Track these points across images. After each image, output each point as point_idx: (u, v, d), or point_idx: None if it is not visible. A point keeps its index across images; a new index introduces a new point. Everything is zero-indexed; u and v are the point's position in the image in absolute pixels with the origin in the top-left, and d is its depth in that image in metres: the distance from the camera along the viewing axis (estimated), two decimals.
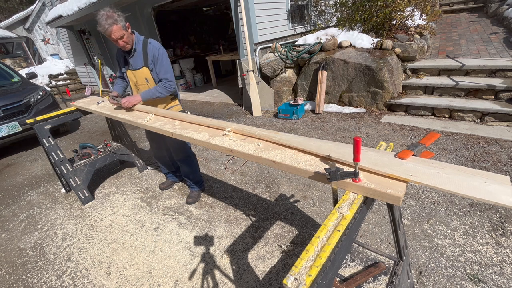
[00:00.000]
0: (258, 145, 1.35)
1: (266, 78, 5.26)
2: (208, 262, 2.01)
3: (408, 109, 4.06)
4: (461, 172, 0.93)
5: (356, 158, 0.89)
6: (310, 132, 3.95)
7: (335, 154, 1.12)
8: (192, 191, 2.75)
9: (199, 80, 8.42)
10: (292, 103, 4.47)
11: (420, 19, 5.55)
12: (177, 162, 2.65)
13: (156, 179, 3.24)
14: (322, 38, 4.93)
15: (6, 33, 11.59)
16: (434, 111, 3.84)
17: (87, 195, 2.92)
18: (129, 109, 2.22)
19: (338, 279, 1.27)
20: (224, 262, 1.99)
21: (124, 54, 2.22)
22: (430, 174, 0.94)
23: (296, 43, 5.25)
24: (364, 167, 1.02)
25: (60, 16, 7.41)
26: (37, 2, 11.67)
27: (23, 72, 9.04)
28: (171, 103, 2.44)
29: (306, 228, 2.20)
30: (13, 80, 5.27)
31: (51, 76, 10.71)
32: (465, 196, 0.84)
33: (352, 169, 0.96)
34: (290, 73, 5.19)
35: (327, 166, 1.07)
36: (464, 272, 1.68)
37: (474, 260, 1.75)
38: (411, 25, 5.21)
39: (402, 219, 1.37)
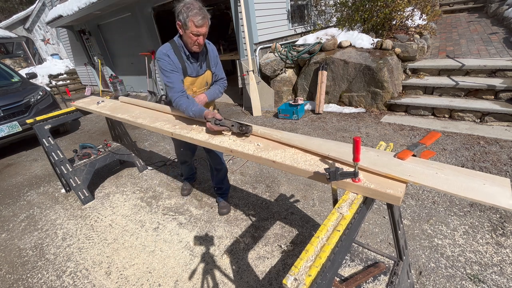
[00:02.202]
0: (258, 144, 1.35)
1: (266, 78, 5.26)
2: (208, 262, 2.01)
3: (408, 109, 4.06)
4: (461, 174, 0.93)
5: (355, 158, 0.89)
6: (310, 132, 3.95)
7: (335, 153, 1.12)
8: (224, 201, 2.56)
9: None
10: (292, 103, 4.47)
11: (420, 19, 5.55)
12: (215, 169, 2.41)
13: (156, 179, 3.24)
14: (322, 38, 4.93)
15: (6, 33, 11.59)
16: (434, 111, 3.84)
17: (87, 195, 2.92)
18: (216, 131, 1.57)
19: (338, 279, 1.27)
20: (224, 262, 1.99)
21: (190, 61, 1.85)
22: (429, 174, 0.94)
23: (296, 43, 5.25)
24: (363, 166, 1.02)
25: (60, 16, 7.42)
26: (37, 2, 11.67)
27: (23, 72, 9.05)
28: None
29: (306, 228, 2.20)
30: (13, 80, 5.27)
31: (51, 76, 10.71)
32: (464, 198, 0.84)
33: (352, 169, 0.96)
34: (290, 73, 5.19)
35: (327, 166, 1.07)
36: (464, 272, 1.68)
37: (474, 260, 1.75)
38: (411, 25, 5.21)
39: (402, 219, 1.37)
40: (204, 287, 1.82)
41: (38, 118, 2.67)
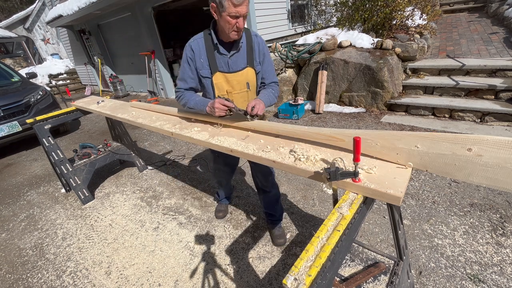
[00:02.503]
0: (260, 141, 1.36)
1: None
2: (208, 262, 2.01)
3: (408, 109, 4.06)
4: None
5: (356, 158, 0.89)
6: None
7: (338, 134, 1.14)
8: (279, 228, 2.11)
9: None
10: (292, 103, 4.47)
11: (420, 19, 5.55)
12: (262, 191, 1.99)
13: (156, 179, 3.24)
14: (322, 38, 4.93)
15: (6, 33, 11.59)
16: (434, 111, 3.84)
17: (87, 195, 2.92)
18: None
19: (338, 279, 1.26)
20: (224, 262, 1.99)
21: (218, 51, 1.53)
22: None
23: (296, 43, 5.25)
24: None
25: (60, 16, 7.42)
26: (37, 1, 11.68)
27: (23, 71, 9.05)
28: None
29: (306, 228, 2.20)
30: (13, 80, 5.27)
31: (51, 76, 10.72)
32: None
33: (351, 169, 0.95)
34: (290, 73, 5.18)
35: (327, 166, 1.07)
36: (464, 272, 1.68)
37: (474, 260, 1.75)
38: (411, 25, 5.21)
39: (402, 219, 1.37)
40: (204, 287, 1.82)
41: (38, 118, 2.66)
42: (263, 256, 1.99)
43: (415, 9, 5.47)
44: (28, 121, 2.64)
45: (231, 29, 1.40)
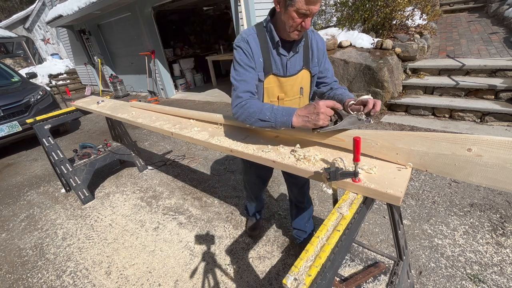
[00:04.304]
0: (260, 141, 1.35)
1: None
2: (208, 262, 2.01)
3: (408, 109, 4.06)
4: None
5: (356, 158, 0.89)
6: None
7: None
8: (301, 245, 2.01)
9: (199, 80, 8.42)
10: None
11: (420, 19, 5.54)
12: (295, 206, 1.88)
13: (156, 179, 3.24)
14: None
15: (6, 33, 11.59)
16: (434, 111, 3.84)
17: (87, 194, 2.92)
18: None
19: (338, 279, 1.26)
20: (224, 262, 1.99)
21: (278, 50, 1.27)
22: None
23: None
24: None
25: (60, 16, 7.42)
26: (37, 1, 11.69)
27: (23, 71, 9.04)
28: None
29: None
30: (13, 79, 5.27)
31: (51, 76, 10.72)
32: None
33: (351, 169, 0.95)
34: None
35: (327, 166, 1.07)
36: (464, 272, 1.68)
37: (474, 260, 1.75)
38: (411, 25, 5.21)
39: (402, 219, 1.37)
40: (204, 287, 1.82)
41: (38, 118, 2.67)
42: (263, 256, 1.99)
43: (415, 9, 5.47)
44: (28, 121, 2.64)
45: (294, 28, 1.16)
